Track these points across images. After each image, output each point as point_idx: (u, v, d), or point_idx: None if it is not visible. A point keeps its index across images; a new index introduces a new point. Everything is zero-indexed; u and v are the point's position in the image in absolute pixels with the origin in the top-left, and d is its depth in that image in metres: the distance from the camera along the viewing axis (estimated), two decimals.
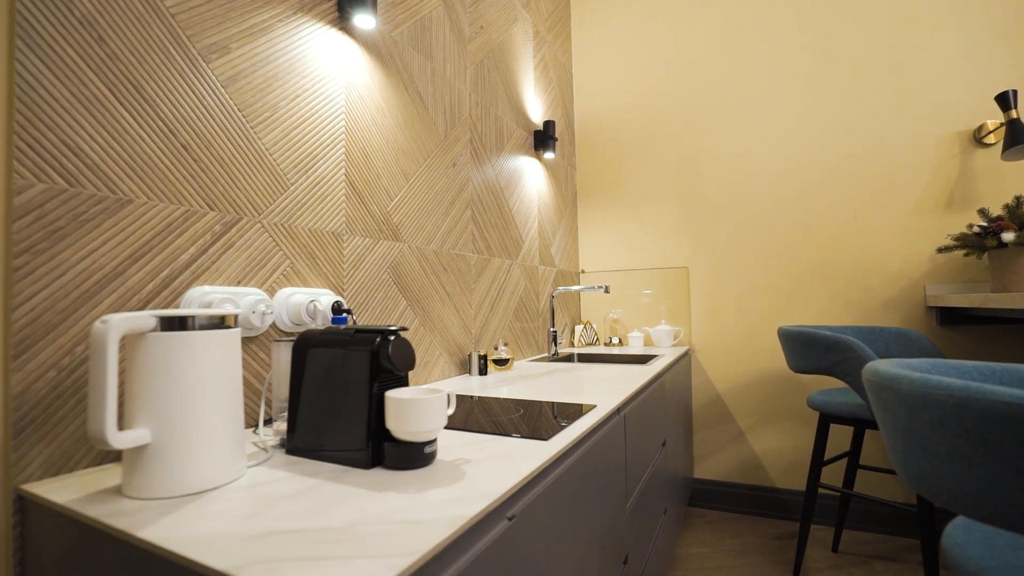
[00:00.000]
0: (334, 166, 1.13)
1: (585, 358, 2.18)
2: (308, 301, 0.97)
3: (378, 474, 0.66)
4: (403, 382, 0.74)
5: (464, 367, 1.59)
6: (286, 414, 0.79)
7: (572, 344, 2.52)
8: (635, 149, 2.59)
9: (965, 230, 1.76)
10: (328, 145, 1.11)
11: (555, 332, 2.06)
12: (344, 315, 1.01)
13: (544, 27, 2.37)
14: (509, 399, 1.14)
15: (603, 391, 1.21)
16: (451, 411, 0.75)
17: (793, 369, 1.70)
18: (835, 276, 2.16)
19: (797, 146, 2.24)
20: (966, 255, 1.77)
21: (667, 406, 1.70)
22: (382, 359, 0.69)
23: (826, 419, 1.68)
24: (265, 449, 0.77)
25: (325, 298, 1.04)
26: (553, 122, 2.17)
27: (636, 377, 1.43)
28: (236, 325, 0.67)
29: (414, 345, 1.36)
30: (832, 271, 2.17)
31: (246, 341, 0.91)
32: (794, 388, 2.22)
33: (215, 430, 0.63)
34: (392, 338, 0.70)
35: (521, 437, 0.81)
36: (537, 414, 0.97)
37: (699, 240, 2.43)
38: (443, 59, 1.55)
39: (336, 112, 1.14)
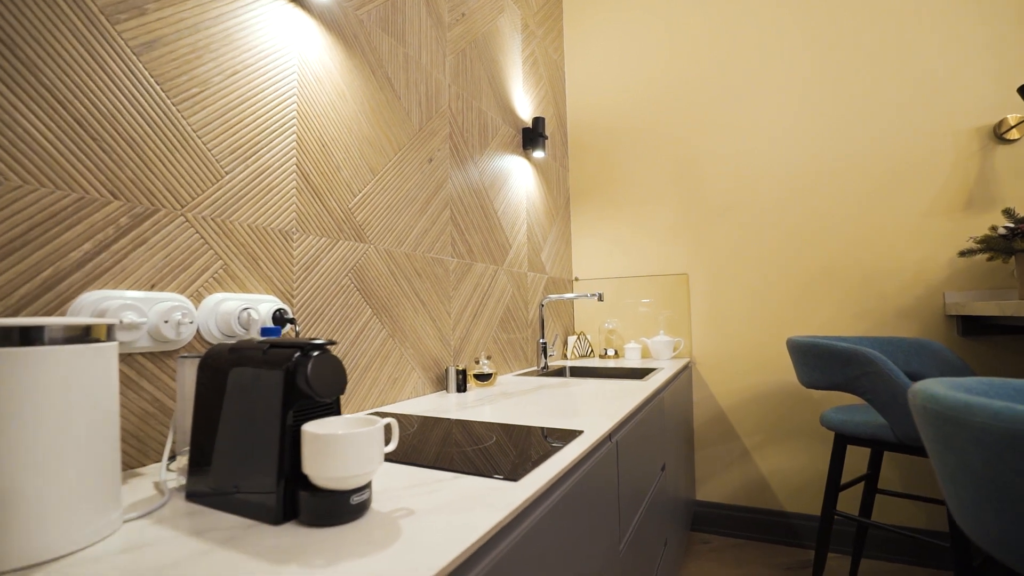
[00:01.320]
0: (282, 154, 0.98)
1: (578, 372, 2.03)
2: (241, 309, 0.82)
3: (289, 533, 0.50)
4: (331, 410, 0.59)
5: (441, 383, 1.43)
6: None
7: (565, 356, 2.36)
8: (631, 150, 2.45)
9: (989, 232, 1.62)
10: (275, 130, 0.97)
11: (545, 344, 1.90)
12: (281, 325, 0.86)
13: (533, 21, 2.25)
14: (484, 422, 0.99)
15: (594, 412, 1.06)
16: (392, 446, 0.59)
17: (805, 384, 1.55)
18: (846, 283, 2.01)
19: (803, 144, 2.10)
20: (990, 259, 1.62)
21: (666, 425, 1.54)
22: (299, 382, 0.53)
23: (843, 440, 1.52)
24: (163, 492, 0.62)
25: (265, 306, 0.89)
26: (543, 119, 2.04)
27: (632, 394, 1.27)
28: (110, 338, 0.52)
29: (380, 359, 1.21)
30: (842, 277, 2.02)
31: (162, 356, 0.76)
32: (804, 404, 2.06)
33: (69, 478, 0.47)
34: (314, 355, 0.55)
35: (486, 476, 0.66)
36: (512, 443, 0.82)
37: (699, 245, 2.28)
38: (418, 45, 1.42)
39: (286, 93, 1.00)
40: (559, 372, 1.99)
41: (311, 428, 0.52)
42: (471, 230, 1.63)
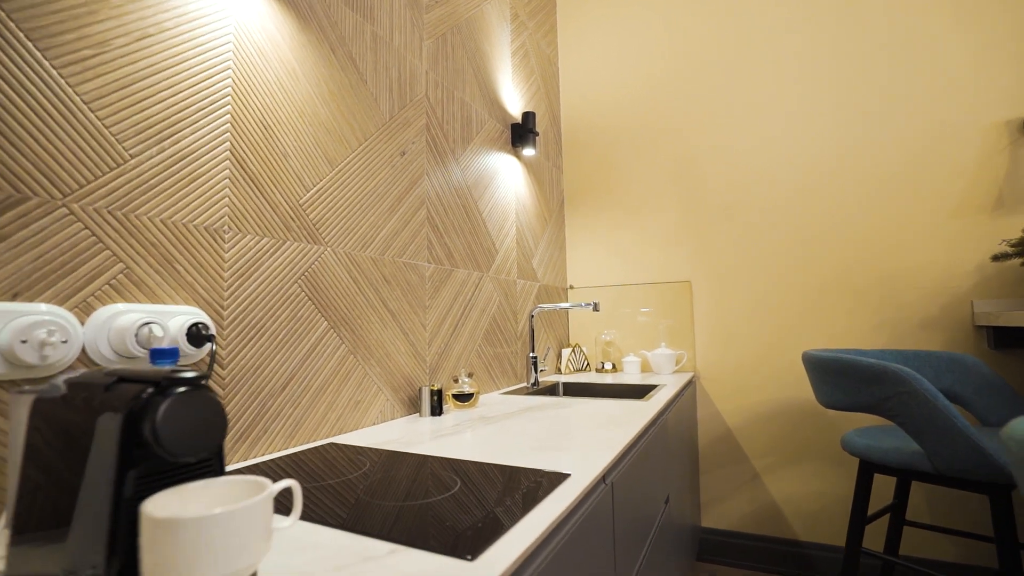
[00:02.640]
0: (212, 137, 0.82)
1: (572, 389, 1.85)
2: (141, 323, 0.66)
3: None
4: (206, 470, 0.42)
5: (414, 405, 1.26)
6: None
7: (559, 370, 2.19)
8: (629, 150, 2.30)
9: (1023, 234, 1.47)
10: (202, 108, 0.81)
11: (535, 358, 1.73)
12: (199, 344, 0.69)
13: (524, 12, 2.10)
14: (453, 460, 0.82)
15: (586, 443, 0.89)
16: (289, 521, 0.42)
17: (824, 404, 1.38)
18: (863, 290, 1.85)
19: (815, 140, 1.95)
20: None
21: (670, 450, 1.37)
22: (145, 432, 0.37)
23: (869, 468, 1.34)
24: None
25: (179, 319, 0.72)
26: (533, 113, 1.88)
27: (631, 419, 1.10)
28: None
29: (338, 380, 1.04)
30: (859, 285, 1.86)
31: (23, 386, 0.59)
32: (819, 422, 1.88)
33: None
34: (175, 393, 0.38)
35: (435, 551, 0.49)
36: (482, 492, 0.65)
37: (703, 250, 2.12)
38: (389, 24, 1.27)
39: (217, 65, 0.84)
40: (551, 389, 1.82)
41: (152, 507, 0.35)
42: (451, 233, 1.47)
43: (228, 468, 0.79)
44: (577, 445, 0.88)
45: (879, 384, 1.21)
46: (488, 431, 1.03)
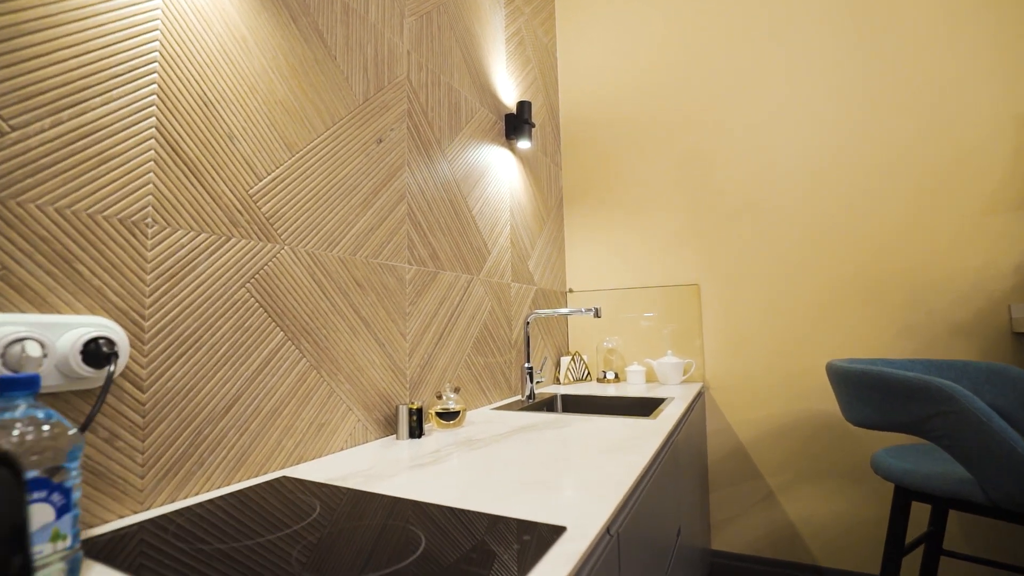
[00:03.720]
0: (131, 111, 0.68)
1: (571, 403, 1.70)
2: (9, 340, 0.51)
3: None
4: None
5: (391, 425, 1.11)
6: None
7: (557, 380, 2.04)
8: (632, 146, 2.16)
9: None
10: (117, 75, 0.66)
11: (531, 369, 1.58)
12: (97, 365, 0.54)
13: None
14: (423, 503, 0.67)
15: (587, 476, 0.74)
16: None
17: (853, 422, 1.23)
18: (887, 294, 1.70)
19: (833, 132, 1.81)
20: None
21: (682, 476, 1.22)
22: None
23: (907, 495, 1.19)
24: None
25: (74, 333, 0.57)
26: (528, 103, 1.74)
27: (638, 443, 0.95)
28: None
29: (298, 399, 0.90)
30: (883, 288, 1.71)
31: None
32: (840, 436, 1.73)
33: None
34: None
35: None
36: (451, 555, 0.50)
37: (712, 251, 1.98)
38: None
39: (138, 24, 0.69)
40: (548, 403, 1.67)
41: None
42: (437, 231, 1.32)
43: (142, 516, 0.65)
44: (575, 480, 0.74)
45: (919, 401, 1.06)
46: (473, 459, 0.88)
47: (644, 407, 1.60)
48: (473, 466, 0.84)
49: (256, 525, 0.61)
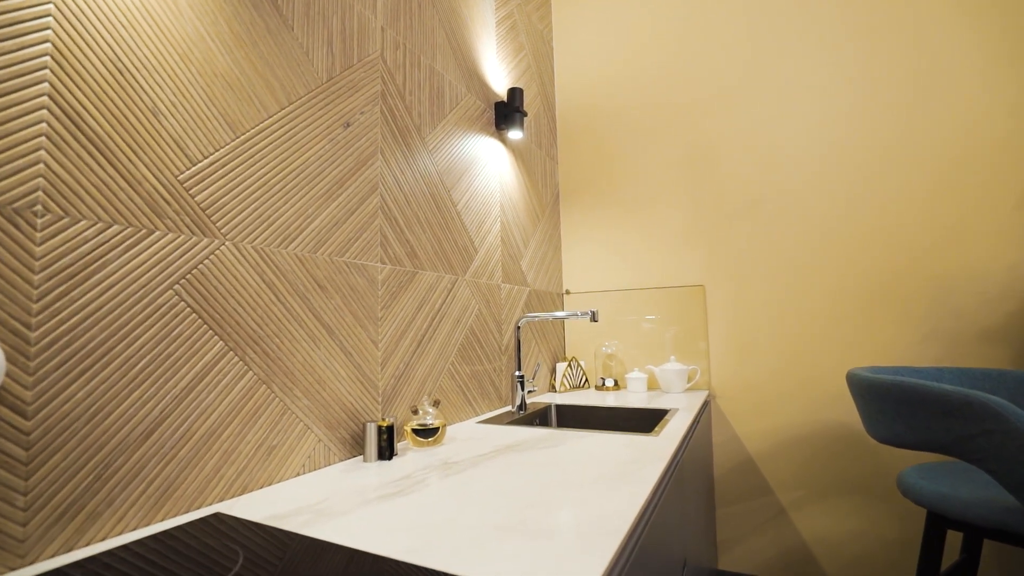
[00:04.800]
0: (12, 73, 0.55)
1: (566, 415, 1.58)
2: None
3: None
4: None
5: (359, 445, 0.99)
6: None
7: (552, 387, 1.91)
8: (633, 138, 2.03)
9: None
10: None
11: (522, 377, 1.46)
12: None
13: None
14: (374, 555, 0.54)
15: (580, 514, 0.61)
16: None
17: (879, 439, 1.10)
18: (910, 296, 1.57)
19: (849, 121, 1.67)
20: None
21: (687, 501, 1.09)
22: None
23: (942, 523, 1.06)
24: None
25: None
26: (520, 89, 1.62)
27: (639, 468, 0.82)
28: None
29: (242, 419, 0.77)
30: (905, 290, 1.58)
31: None
32: (859, 449, 1.60)
33: None
34: None
35: None
36: None
37: (718, 249, 1.85)
38: None
39: None
40: (541, 415, 1.54)
41: None
42: (415, 226, 1.20)
43: (23, 574, 0.52)
44: (564, 521, 0.61)
45: (960, 419, 0.93)
46: (446, 488, 0.76)
47: (646, 420, 1.47)
48: (444, 499, 0.71)
49: None
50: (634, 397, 1.69)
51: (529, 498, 0.70)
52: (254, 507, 0.71)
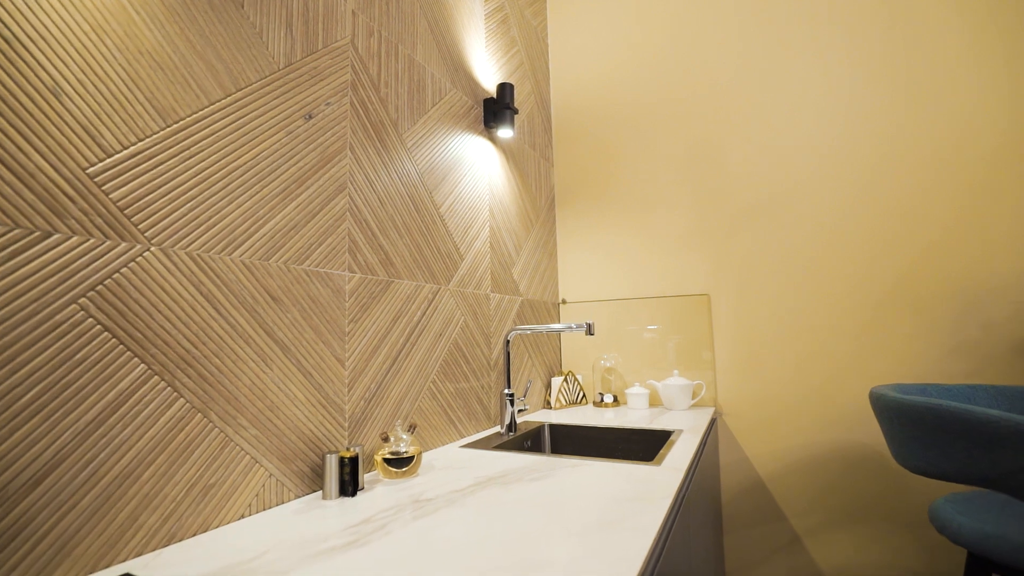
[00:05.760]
0: None
1: (561, 436, 1.45)
2: None
3: None
4: None
5: (319, 479, 0.87)
6: None
7: (547, 403, 1.79)
8: (633, 138, 1.92)
9: None
10: None
11: (512, 395, 1.34)
12: None
13: None
14: None
15: (572, 572, 0.49)
16: None
17: (912, 469, 0.97)
18: (933, 306, 1.45)
19: (863, 120, 1.56)
20: None
21: (693, 540, 0.97)
22: None
23: (984, 565, 0.93)
24: None
25: None
26: (511, 85, 1.51)
27: (640, 509, 0.70)
28: None
29: (168, 455, 0.65)
30: (928, 299, 1.45)
31: None
32: (881, 472, 1.47)
33: None
34: None
35: None
36: None
37: (724, 256, 1.73)
38: None
39: None
40: (534, 436, 1.42)
41: None
42: (390, 231, 1.09)
43: None
44: (560, 569, 0.49)
45: (1008, 449, 0.81)
46: (411, 536, 0.64)
47: (647, 444, 1.34)
48: (404, 553, 0.59)
49: None
50: (635, 415, 1.56)
51: (515, 546, 0.58)
52: (175, 563, 0.59)
